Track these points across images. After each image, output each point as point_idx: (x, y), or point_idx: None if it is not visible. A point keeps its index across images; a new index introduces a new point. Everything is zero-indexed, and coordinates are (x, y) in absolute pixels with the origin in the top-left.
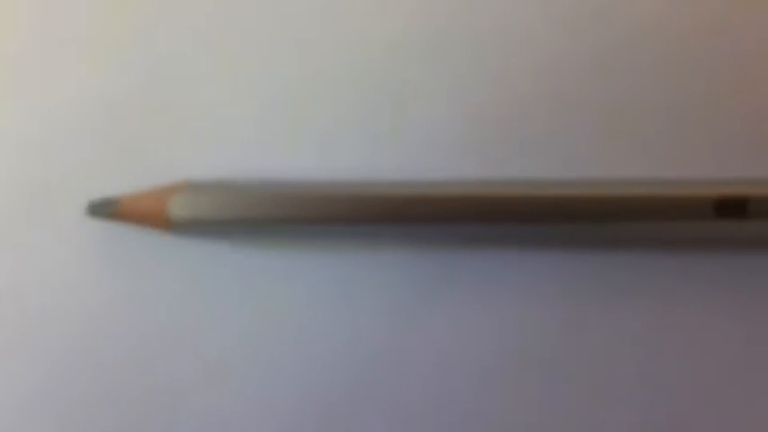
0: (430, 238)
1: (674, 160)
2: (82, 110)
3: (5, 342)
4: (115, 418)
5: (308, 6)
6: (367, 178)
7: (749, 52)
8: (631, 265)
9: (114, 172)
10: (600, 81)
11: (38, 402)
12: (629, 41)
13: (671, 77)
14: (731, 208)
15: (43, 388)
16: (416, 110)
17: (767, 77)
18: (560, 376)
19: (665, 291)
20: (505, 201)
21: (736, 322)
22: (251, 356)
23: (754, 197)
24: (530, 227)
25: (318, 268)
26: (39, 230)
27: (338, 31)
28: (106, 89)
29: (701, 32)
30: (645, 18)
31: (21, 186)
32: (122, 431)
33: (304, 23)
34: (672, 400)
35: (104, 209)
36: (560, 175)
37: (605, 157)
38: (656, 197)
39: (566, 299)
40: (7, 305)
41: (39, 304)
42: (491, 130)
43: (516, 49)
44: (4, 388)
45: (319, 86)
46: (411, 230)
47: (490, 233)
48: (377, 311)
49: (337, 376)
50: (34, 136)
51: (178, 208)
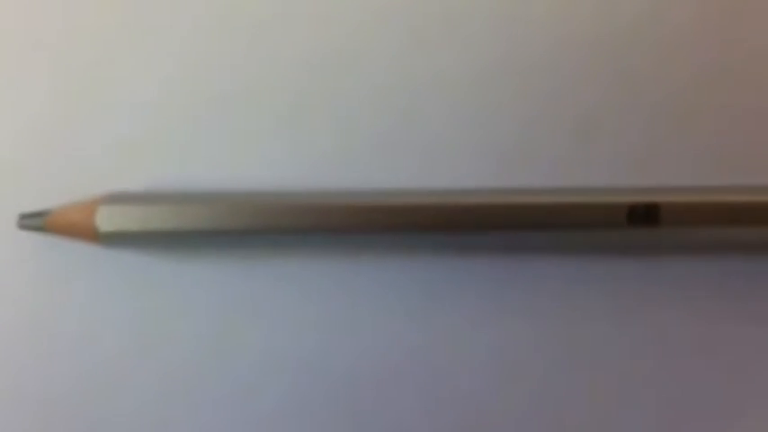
0: (353, 245)
1: (585, 169)
2: (10, 123)
3: None
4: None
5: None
6: (282, 187)
7: (660, 60)
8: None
9: (46, 184)
10: (507, 92)
11: None
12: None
13: (579, 87)
14: (643, 215)
15: None
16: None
17: (675, 86)
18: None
19: (572, 298)
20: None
21: (648, 328)
22: (184, 366)
23: (665, 204)
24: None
25: (248, 278)
26: None
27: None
28: (33, 101)
29: (603, 43)
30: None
31: None
32: None
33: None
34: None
35: (34, 222)
36: (478, 183)
37: (517, 167)
38: (568, 205)
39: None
40: None
41: None
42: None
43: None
44: None
45: (250, 93)
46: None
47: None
48: (317, 321)
49: (269, 388)
50: None
51: (105, 220)
